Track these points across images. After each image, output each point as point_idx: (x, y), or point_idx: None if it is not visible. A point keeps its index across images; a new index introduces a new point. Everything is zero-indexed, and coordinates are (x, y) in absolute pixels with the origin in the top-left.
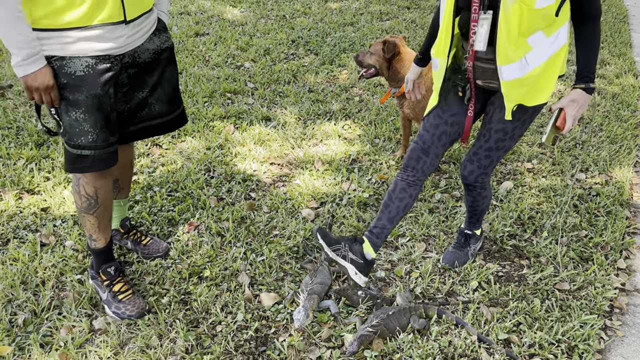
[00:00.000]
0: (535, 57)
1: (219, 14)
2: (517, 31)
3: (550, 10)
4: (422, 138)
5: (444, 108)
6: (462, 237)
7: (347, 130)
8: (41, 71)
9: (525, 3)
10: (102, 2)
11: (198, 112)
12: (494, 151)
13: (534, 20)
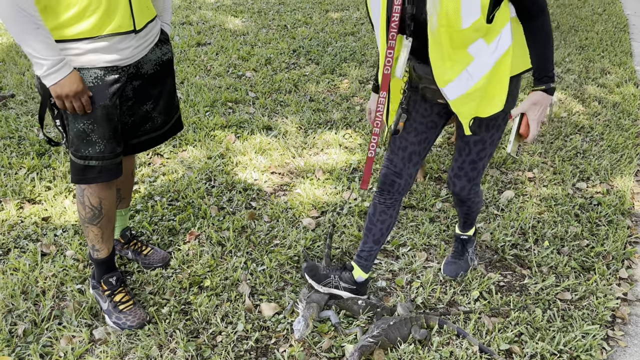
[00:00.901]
0: (478, 68)
1: (221, 24)
2: (449, 47)
3: (479, 24)
4: (392, 162)
5: (408, 129)
6: (459, 243)
7: (348, 139)
8: (69, 77)
9: (450, 26)
10: (112, 12)
11: (199, 122)
12: (478, 162)
13: (465, 39)
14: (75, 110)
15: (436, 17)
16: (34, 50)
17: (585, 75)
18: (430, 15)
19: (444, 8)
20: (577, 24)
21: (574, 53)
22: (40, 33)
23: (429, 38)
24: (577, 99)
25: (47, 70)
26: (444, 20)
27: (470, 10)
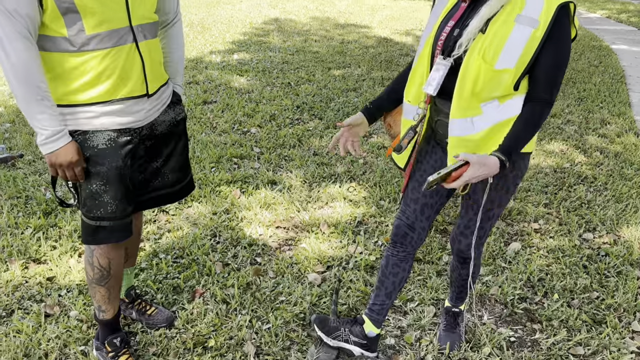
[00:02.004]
0: (482, 122)
1: (227, 83)
2: (471, 88)
3: (507, 75)
4: (404, 214)
5: (420, 180)
6: (451, 317)
7: (352, 192)
8: (65, 147)
9: (486, 60)
10: (126, 77)
11: (205, 178)
12: (486, 222)
13: (491, 83)
14: (67, 179)
15: (477, 48)
16: (36, 120)
17: (585, 125)
18: (472, 42)
19: (488, 40)
20: (574, 76)
21: (573, 104)
22: (44, 104)
23: (462, 64)
24: (578, 150)
25: (45, 140)
26: (483, 53)
27: (509, 56)
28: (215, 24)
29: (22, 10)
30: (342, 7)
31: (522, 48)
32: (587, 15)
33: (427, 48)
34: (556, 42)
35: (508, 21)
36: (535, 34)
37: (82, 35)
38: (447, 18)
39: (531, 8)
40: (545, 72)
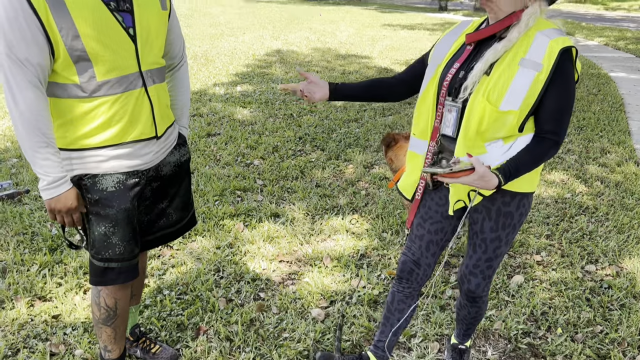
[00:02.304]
0: (486, 161)
1: (230, 115)
2: (476, 128)
3: (512, 116)
4: (410, 250)
5: (425, 217)
6: (457, 354)
7: (354, 224)
8: (65, 194)
9: (491, 102)
10: (135, 120)
11: (209, 211)
12: (494, 260)
13: (495, 124)
14: (65, 224)
15: (482, 90)
16: (39, 166)
17: (585, 155)
18: (476, 84)
19: (492, 83)
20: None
21: (573, 133)
22: (48, 151)
23: (467, 105)
24: (579, 179)
25: (47, 185)
26: (487, 95)
27: (513, 98)
28: (218, 57)
29: (33, 60)
30: (343, 38)
31: (526, 91)
32: (584, 43)
33: (431, 87)
34: (559, 85)
35: (512, 64)
36: (539, 77)
37: (93, 81)
38: (452, 60)
39: (534, 52)
40: (550, 114)
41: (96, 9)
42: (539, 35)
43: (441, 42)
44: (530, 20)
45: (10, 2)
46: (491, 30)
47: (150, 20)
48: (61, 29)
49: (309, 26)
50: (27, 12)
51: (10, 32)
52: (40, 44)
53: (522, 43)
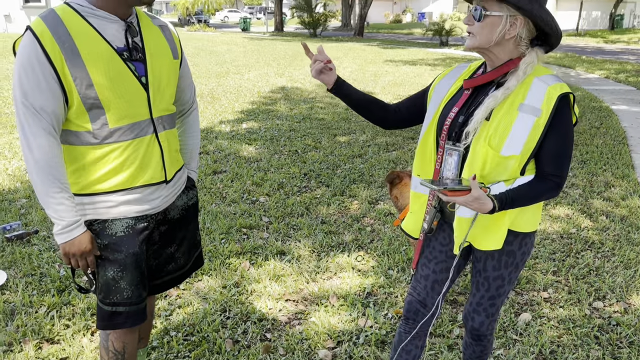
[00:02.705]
0: None
1: (236, 152)
2: (478, 173)
3: (514, 160)
4: (416, 290)
5: (429, 257)
6: None
7: (360, 261)
8: (79, 237)
9: (492, 146)
10: (146, 165)
11: (215, 250)
12: (497, 298)
13: (497, 168)
14: (79, 267)
15: (483, 135)
16: (54, 210)
17: (589, 189)
18: (478, 129)
19: (493, 128)
20: (576, 138)
21: (577, 167)
22: (62, 196)
23: (469, 153)
24: (584, 214)
25: (61, 230)
26: (489, 140)
27: (514, 143)
28: (224, 94)
29: (48, 108)
30: (346, 73)
31: (526, 135)
32: (585, 76)
33: (431, 130)
34: (559, 130)
35: (511, 110)
36: (538, 122)
37: (105, 129)
38: (451, 104)
39: (533, 98)
40: (550, 158)
41: (110, 59)
42: (537, 81)
43: (439, 84)
44: (528, 69)
45: (28, 52)
46: (489, 77)
47: (162, 69)
48: (75, 79)
49: None
50: (43, 62)
51: (26, 81)
52: (55, 93)
53: (520, 88)
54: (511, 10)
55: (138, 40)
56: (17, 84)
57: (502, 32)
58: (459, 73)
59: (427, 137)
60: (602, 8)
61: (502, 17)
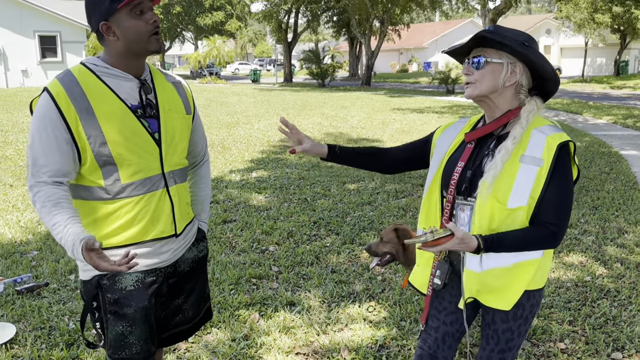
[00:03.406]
0: (494, 260)
1: (246, 201)
2: (487, 227)
3: (521, 212)
4: (426, 343)
5: (439, 308)
6: None
7: (371, 312)
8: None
9: (498, 200)
10: (156, 219)
11: (224, 301)
12: (507, 352)
13: (506, 220)
14: None
15: (489, 188)
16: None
17: (602, 235)
18: (483, 184)
19: (498, 182)
20: (587, 184)
21: (588, 213)
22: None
23: (475, 206)
24: (598, 261)
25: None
26: (494, 193)
27: (520, 195)
28: (235, 144)
29: (54, 166)
30: (354, 122)
31: (531, 186)
32: (593, 122)
33: (435, 185)
34: (558, 180)
35: (514, 161)
36: (541, 172)
37: (117, 184)
38: (455, 159)
39: (533, 148)
40: (549, 207)
41: (124, 116)
42: (535, 132)
43: (441, 138)
44: (530, 116)
45: (43, 112)
46: (489, 128)
47: (175, 124)
48: (89, 137)
49: (321, 112)
50: (57, 123)
51: (38, 139)
52: (65, 153)
53: (521, 140)
54: (510, 58)
55: (152, 97)
56: (30, 141)
57: (504, 78)
58: (460, 127)
59: (432, 191)
60: (607, 55)
61: (502, 64)
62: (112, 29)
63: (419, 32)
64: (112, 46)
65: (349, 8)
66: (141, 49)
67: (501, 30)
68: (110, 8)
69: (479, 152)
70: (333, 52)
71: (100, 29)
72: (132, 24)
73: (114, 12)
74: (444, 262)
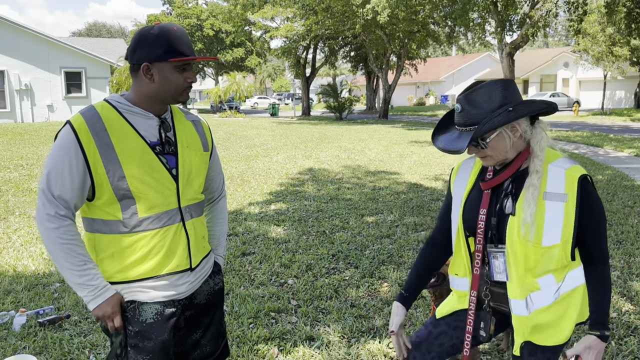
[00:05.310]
0: (540, 298)
1: (264, 233)
2: (523, 267)
3: (557, 249)
4: (417, 332)
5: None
6: None
7: (392, 349)
8: (112, 297)
9: (530, 240)
10: (171, 253)
11: (243, 335)
12: None
13: (542, 259)
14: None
15: (515, 229)
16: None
17: (628, 271)
18: (516, 226)
19: (521, 221)
20: (610, 218)
21: (612, 248)
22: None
23: (507, 250)
24: (624, 297)
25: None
26: (525, 234)
27: (553, 232)
28: (254, 176)
29: (66, 196)
30: (372, 155)
31: (561, 222)
32: (615, 155)
33: (460, 233)
34: (590, 209)
35: (539, 200)
36: (567, 207)
37: (134, 218)
38: (473, 206)
39: (554, 184)
40: (591, 238)
41: (143, 153)
42: (552, 167)
43: (457, 180)
44: (542, 143)
45: (62, 143)
46: (506, 175)
47: (193, 161)
48: (108, 171)
49: (339, 145)
50: (76, 155)
51: (53, 170)
52: (78, 186)
53: None
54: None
55: (171, 134)
56: (45, 170)
57: (510, 140)
58: (470, 167)
59: (459, 238)
60: (626, 87)
61: (501, 133)
62: (152, 72)
63: (435, 65)
64: (144, 86)
65: (366, 43)
66: (170, 99)
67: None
68: (161, 57)
69: (497, 196)
70: (350, 85)
71: (140, 67)
72: (173, 76)
73: (162, 61)
74: (486, 312)
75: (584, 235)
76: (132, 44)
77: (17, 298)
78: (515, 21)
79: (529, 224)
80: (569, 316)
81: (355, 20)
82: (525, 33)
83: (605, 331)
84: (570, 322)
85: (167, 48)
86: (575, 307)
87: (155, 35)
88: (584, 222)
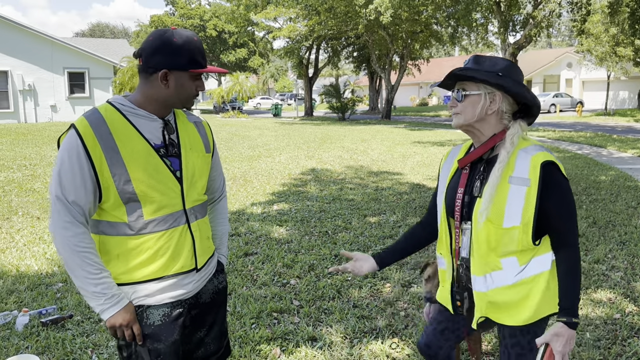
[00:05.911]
0: (501, 278)
1: (267, 234)
2: (486, 246)
3: (517, 231)
4: (425, 331)
5: None
6: None
7: (395, 349)
8: (126, 307)
9: (492, 221)
10: (177, 254)
11: (245, 336)
12: None
13: (503, 239)
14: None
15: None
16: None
17: (631, 271)
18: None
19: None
20: (613, 218)
21: (616, 249)
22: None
23: (472, 227)
24: (627, 298)
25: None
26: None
27: (513, 214)
28: (256, 177)
29: (80, 202)
30: (374, 155)
31: (522, 206)
32: (618, 155)
33: (442, 213)
34: (553, 194)
35: (504, 183)
36: (529, 191)
37: (140, 220)
38: (454, 186)
39: (520, 169)
40: (555, 222)
41: (147, 156)
42: (521, 152)
43: (443, 168)
44: (514, 139)
45: (69, 148)
46: (478, 153)
47: (196, 163)
48: (114, 175)
49: (342, 145)
50: (83, 160)
51: (64, 175)
52: (88, 189)
53: (508, 162)
54: (488, 88)
55: (174, 136)
56: (55, 177)
57: (484, 108)
58: (456, 153)
59: (442, 219)
60: (630, 88)
61: (481, 95)
62: (169, 79)
63: (438, 66)
64: (156, 90)
65: (369, 44)
66: (179, 104)
67: (480, 60)
68: (183, 67)
69: (473, 175)
70: (353, 86)
71: (157, 72)
72: (188, 85)
73: (182, 70)
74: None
75: (547, 219)
76: (151, 48)
77: (20, 298)
78: (518, 21)
79: (483, 207)
80: (531, 299)
81: (358, 20)
82: (529, 33)
83: (573, 318)
84: (531, 306)
85: (190, 59)
86: (538, 292)
87: (179, 45)
88: (546, 207)
